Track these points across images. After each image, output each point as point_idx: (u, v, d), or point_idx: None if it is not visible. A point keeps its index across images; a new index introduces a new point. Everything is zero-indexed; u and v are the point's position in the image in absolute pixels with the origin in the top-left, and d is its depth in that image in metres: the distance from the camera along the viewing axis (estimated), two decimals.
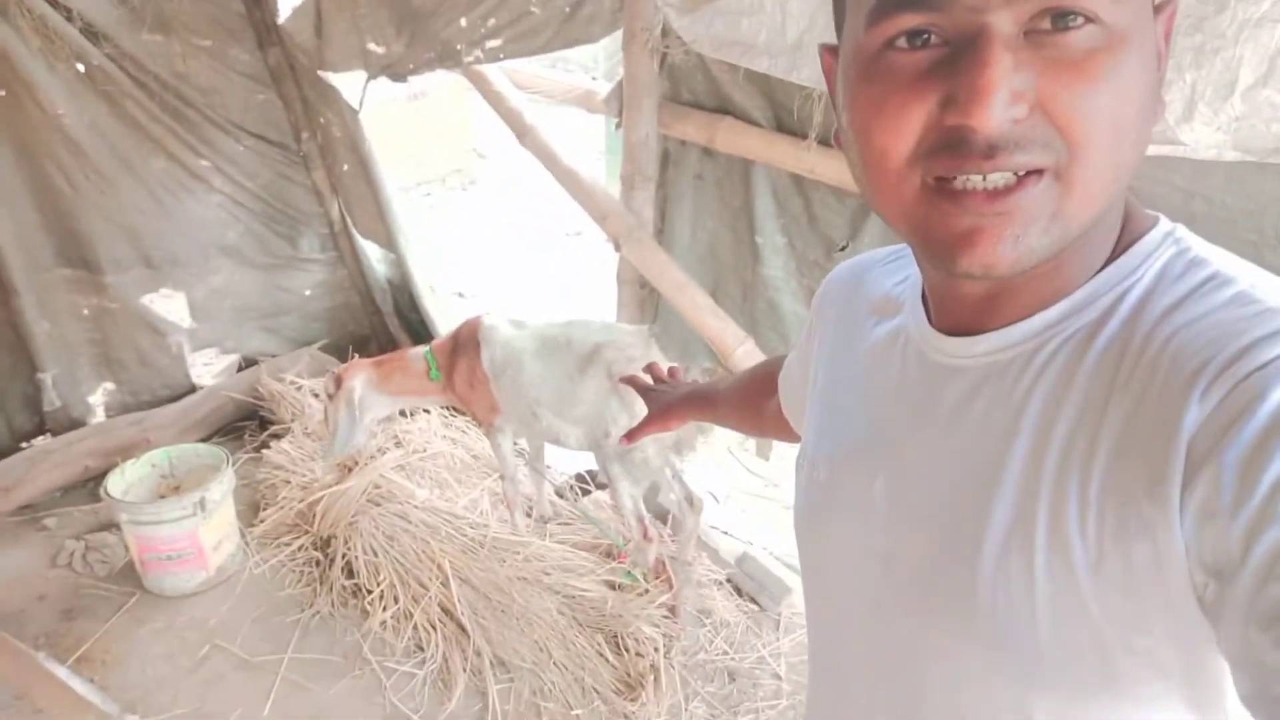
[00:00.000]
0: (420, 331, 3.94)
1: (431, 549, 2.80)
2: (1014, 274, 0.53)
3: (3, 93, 2.99)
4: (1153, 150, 1.61)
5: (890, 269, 0.79)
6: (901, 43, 0.52)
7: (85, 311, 3.40)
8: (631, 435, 1.27)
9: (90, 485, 3.26)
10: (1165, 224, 0.59)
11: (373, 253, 3.99)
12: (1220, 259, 0.56)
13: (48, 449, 3.31)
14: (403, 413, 3.51)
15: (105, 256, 3.33)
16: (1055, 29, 0.49)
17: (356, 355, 3.42)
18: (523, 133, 2.87)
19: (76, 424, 3.44)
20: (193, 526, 2.75)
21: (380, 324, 4.08)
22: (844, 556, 0.73)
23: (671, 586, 2.68)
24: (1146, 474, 0.50)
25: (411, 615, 2.66)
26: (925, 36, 0.51)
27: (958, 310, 0.64)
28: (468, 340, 2.80)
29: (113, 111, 3.19)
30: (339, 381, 2.93)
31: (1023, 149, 0.49)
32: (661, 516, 2.93)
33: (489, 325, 2.76)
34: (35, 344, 3.29)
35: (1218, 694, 0.56)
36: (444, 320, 3.85)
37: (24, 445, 3.36)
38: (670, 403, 1.26)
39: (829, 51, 0.65)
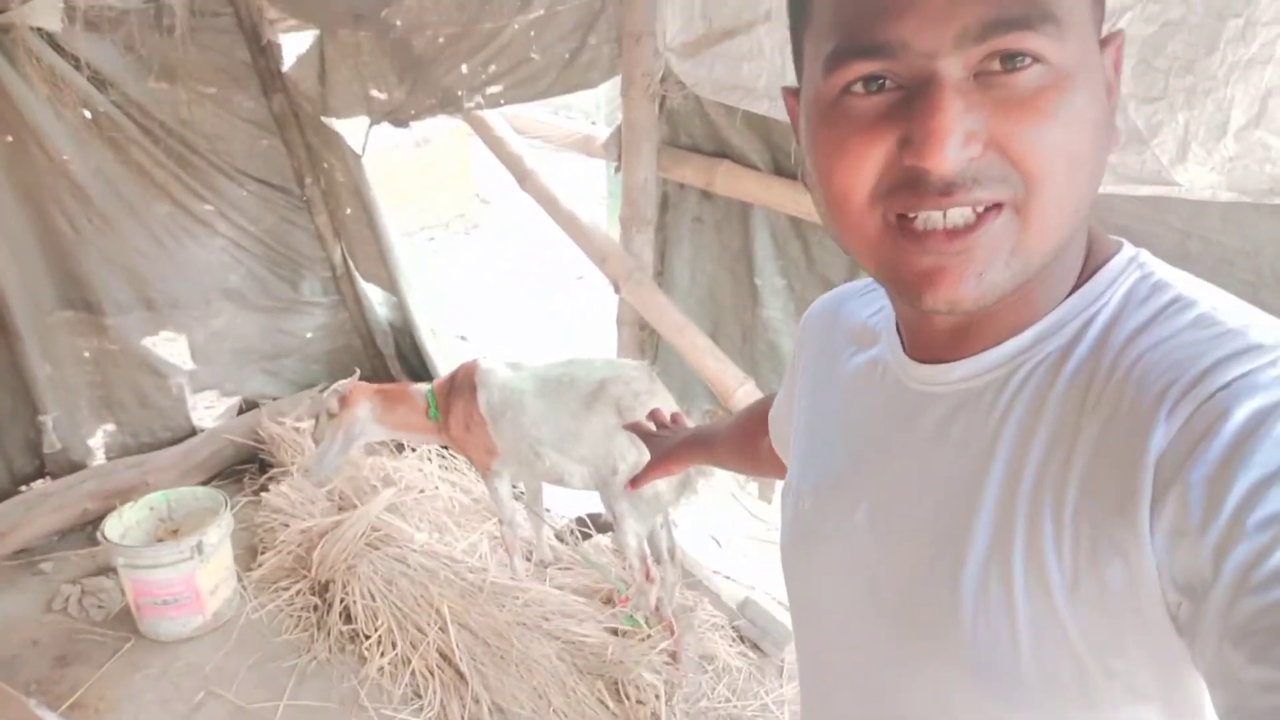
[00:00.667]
0: (421, 374, 3.94)
1: (430, 593, 2.77)
2: (979, 309, 0.55)
3: (10, 139, 3.04)
4: (1147, 190, 1.62)
5: (867, 299, 0.81)
6: (858, 88, 0.54)
7: (86, 354, 3.41)
8: (636, 481, 1.30)
9: (88, 529, 3.25)
10: (1129, 249, 0.61)
11: (375, 296, 4.01)
12: (1182, 282, 0.57)
13: (46, 492, 3.30)
14: (400, 450, 3.50)
15: (107, 299, 3.35)
16: (1004, 70, 0.51)
17: (358, 373, 3.36)
18: (523, 177, 2.90)
19: (76, 467, 3.43)
20: (189, 570, 2.73)
21: (381, 366, 4.09)
22: (830, 585, 0.74)
23: (673, 632, 2.65)
24: (1117, 495, 0.51)
25: (409, 661, 2.62)
26: (880, 81, 0.53)
27: (930, 340, 0.66)
28: (464, 383, 2.79)
29: (118, 157, 3.23)
30: (344, 403, 2.91)
31: (980, 185, 0.51)
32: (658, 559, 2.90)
33: (486, 369, 2.75)
34: (37, 387, 3.30)
35: (1196, 713, 0.56)
36: (445, 363, 3.85)
37: (23, 488, 3.35)
38: (671, 448, 1.28)
39: (791, 94, 0.66)
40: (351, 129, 3.44)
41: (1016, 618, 0.56)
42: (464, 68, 2.75)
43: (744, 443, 1.13)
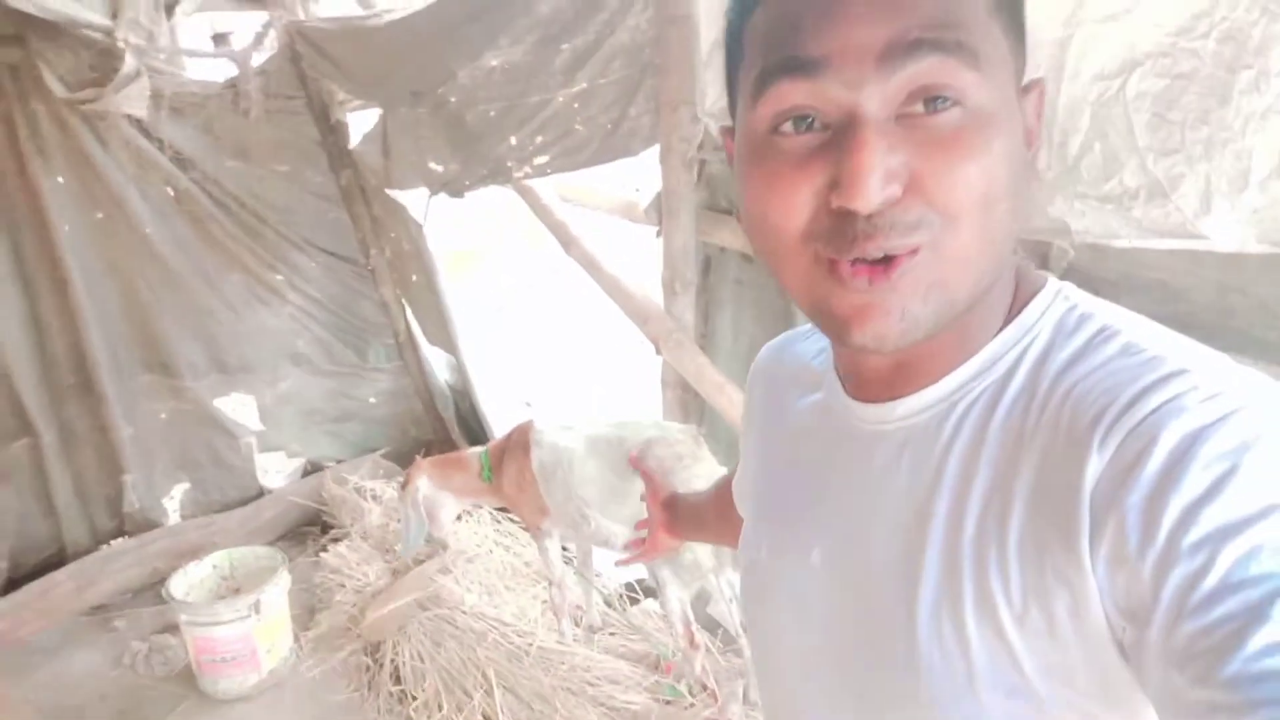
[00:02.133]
0: (480, 437, 4.01)
1: (477, 656, 2.78)
2: (905, 344, 0.56)
3: (100, 215, 3.27)
4: (1179, 244, 1.58)
5: (810, 342, 0.81)
6: (787, 127, 0.55)
7: (163, 415, 3.59)
8: (627, 560, 1.35)
9: (159, 586, 3.36)
10: (1054, 283, 0.62)
11: (436, 359, 4.12)
12: (1105, 312, 0.59)
13: (123, 549, 3.44)
14: (458, 517, 3.55)
15: (183, 362, 3.54)
16: (925, 112, 0.52)
17: (422, 454, 3.49)
18: (568, 243, 2.97)
19: (153, 525, 3.59)
20: (248, 629, 2.80)
21: (442, 430, 4.18)
22: (788, 632, 0.73)
23: (716, 700, 2.59)
24: (1057, 525, 0.52)
25: None
26: (809, 120, 0.55)
27: (871, 380, 0.66)
28: (518, 443, 2.84)
29: (196, 231, 3.45)
30: (405, 484, 3.01)
31: (900, 233, 0.52)
32: (711, 628, 2.85)
33: (539, 429, 2.80)
34: (121, 448, 3.47)
35: None
36: (503, 427, 3.91)
37: (103, 546, 3.50)
38: (666, 524, 1.29)
39: (729, 135, 0.68)
40: (414, 200, 3.59)
41: (970, 652, 0.56)
42: (513, 139, 2.85)
43: (723, 512, 1.11)
